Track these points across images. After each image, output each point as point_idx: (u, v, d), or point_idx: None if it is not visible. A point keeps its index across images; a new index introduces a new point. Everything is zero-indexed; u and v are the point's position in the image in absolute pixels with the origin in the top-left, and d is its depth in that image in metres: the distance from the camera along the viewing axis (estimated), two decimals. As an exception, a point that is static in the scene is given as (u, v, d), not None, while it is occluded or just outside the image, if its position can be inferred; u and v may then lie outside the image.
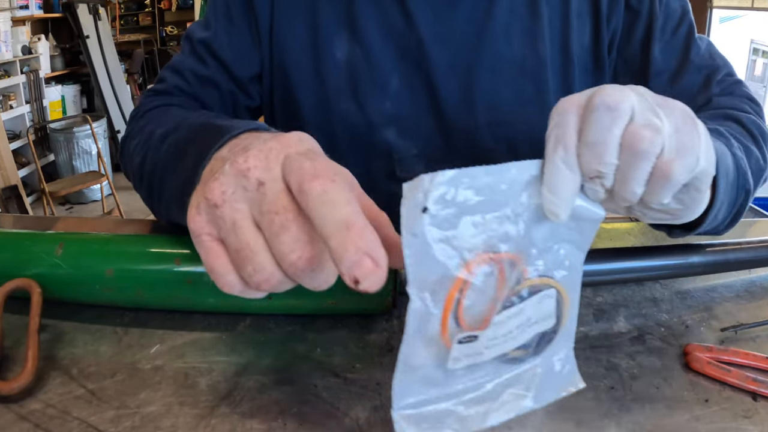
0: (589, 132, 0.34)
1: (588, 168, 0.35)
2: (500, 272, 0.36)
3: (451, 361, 0.37)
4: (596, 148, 0.34)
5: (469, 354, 0.38)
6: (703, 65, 0.71)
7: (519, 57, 0.70)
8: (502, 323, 0.38)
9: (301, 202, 0.32)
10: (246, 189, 0.33)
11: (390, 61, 0.71)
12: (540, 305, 0.39)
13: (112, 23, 6.46)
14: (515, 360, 0.40)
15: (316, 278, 0.33)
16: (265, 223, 0.33)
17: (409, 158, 0.74)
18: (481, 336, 0.37)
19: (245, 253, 0.33)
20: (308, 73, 0.73)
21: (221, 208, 0.33)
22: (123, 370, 0.46)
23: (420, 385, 0.37)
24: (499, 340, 0.38)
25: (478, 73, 0.70)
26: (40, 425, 0.40)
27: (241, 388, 0.45)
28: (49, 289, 0.51)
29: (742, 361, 0.46)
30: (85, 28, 4.81)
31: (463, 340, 0.37)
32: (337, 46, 0.72)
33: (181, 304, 0.52)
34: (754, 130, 0.63)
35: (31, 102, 4.43)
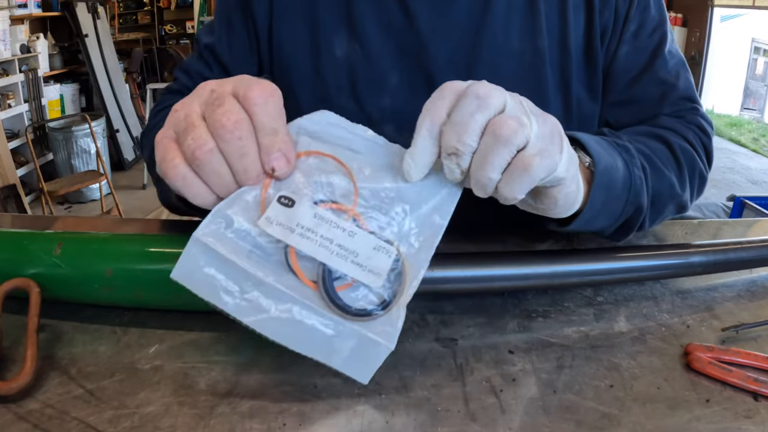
0: (455, 113, 0.41)
1: (447, 144, 0.41)
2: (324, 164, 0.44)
3: (263, 220, 0.40)
4: (457, 127, 0.41)
5: (281, 222, 0.40)
6: (664, 80, 0.72)
7: (518, 51, 0.71)
8: (323, 221, 0.41)
9: (246, 106, 0.41)
10: (200, 96, 0.43)
11: (389, 57, 0.72)
12: (374, 252, 0.41)
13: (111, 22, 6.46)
14: (318, 298, 0.41)
15: (240, 150, 0.41)
16: (208, 110, 0.42)
17: None
18: (299, 206, 0.41)
19: (188, 129, 0.41)
20: (308, 71, 0.74)
21: (179, 111, 0.42)
22: (122, 370, 0.46)
23: (230, 233, 0.41)
24: (314, 239, 0.40)
25: (477, 67, 0.71)
26: (39, 425, 0.40)
27: (240, 387, 0.44)
28: (47, 288, 0.50)
29: (743, 361, 0.46)
30: (83, 26, 4.81)
31: (282, 199, 0.41)
32: (337, 44, 0.72)
33: (180, 304, 0.52)
34: (681, 158, 0.65)
35: (30, 101, 4.42)
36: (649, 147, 0.63)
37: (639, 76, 0.73)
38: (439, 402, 0.43)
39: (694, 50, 6.89)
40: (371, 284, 0.40)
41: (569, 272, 0.55)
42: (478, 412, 0.42)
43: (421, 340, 0.50)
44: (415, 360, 0.48)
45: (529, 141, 0.41)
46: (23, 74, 4.34)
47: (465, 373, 0.46)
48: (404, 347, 0.49)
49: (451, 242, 0.67)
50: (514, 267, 0.54)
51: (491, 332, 0.52)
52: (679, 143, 0.66)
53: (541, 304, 0.56)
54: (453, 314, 0.54)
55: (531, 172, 0.40)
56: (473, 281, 0.53)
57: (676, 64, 0.74)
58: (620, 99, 0.74)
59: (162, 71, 7.71)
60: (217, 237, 0.40)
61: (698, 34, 6.78)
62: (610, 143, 0.57)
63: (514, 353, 0.49)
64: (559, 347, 0.50)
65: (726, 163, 5.74)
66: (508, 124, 0.40)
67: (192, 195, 0.42)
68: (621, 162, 0.55)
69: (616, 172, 0.54)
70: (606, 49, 0.73)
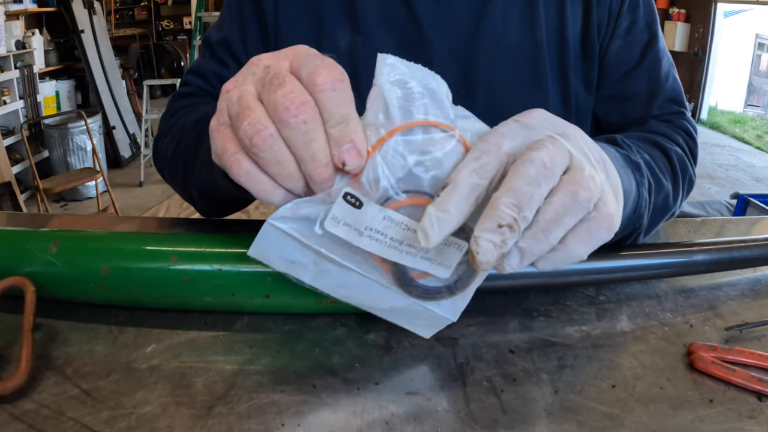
0: (516, 180, 0.34)
1: (503, 214, 0.34)
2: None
3: (330, 220, 0.38)
4: (519, 196, 0.34)
5: (348, 222, 0.38)
6: (654, 79, 0.73)
7: (517, 43, 0.72)
8: (393, 223, 0.38)
9: (313, 92, 0.36)
10: (254, 73, 0.38)
11: (391, 50, 0.71)
12: (444, 248, 0.39)
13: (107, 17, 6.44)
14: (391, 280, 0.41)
15: (305, 136, 0.36)
16: (265, 90, 0.36)
17: None
18: (367, 208, 0.38)
19: (243, 113, 0.36)
20: None
21: (231, 92, 0.37)
22: (118, 369, 0.46)
23: (303, 222, 0.39)
24: (383, 240, 0.39)
25: (477, 59, 0.72)
26: (34, 426, 0.40)
27: (238, 388, 0.44)
28: (43, 287, 0.50)
29: (747, 360, 0.46)
30: (79, 22, 4.80)
31: (349, 198, 0.38)
32: (340, 36, 0.73)
33: (177, 303, 0.52)
34: (677, 167, 0.65)
35: (25, 97, 4.41)
36: (653, 158, 0.62)
37: (630, 72, 0.74)
38: (439, 402, 0.43)
39: (697, 46, 6.89)
40: (439, 275, 0.40)
41: (570, 271, 0.54)
42: (479, 413, 0.42)
43: (421, 339, 0.50)
44: (415, 360, 0.48)
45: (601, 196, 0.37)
46: (18, 70, 4.33)
47: (465, 372, 0.46)
48: (404, 347, 0.49)
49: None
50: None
51: (492, 331, 0.51)
52: (674, 151, 0.66)
53: (543, 303, 0.56)
54: (453, 313, 0.54)
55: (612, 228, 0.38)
56: (474, 280, 0.53)
57: (665, 64, 0.75)
58: (611, 94, 0.75)
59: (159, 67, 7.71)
60: (290, 222, 0.40)
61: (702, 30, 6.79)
62: (626, 160, 0.55)
63: (515, 353, 0.49)
64: (561, 347, 0.49)
65: (729, 161, 5.76)
66: (587, 185, 0.36)
67: (258, 191, 0.38)
68: (634, 185, 0.54)
69: (629, 196, 0.52)
70: (600, 44, 0.74)
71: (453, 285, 0.41)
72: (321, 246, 0.40)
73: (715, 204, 2.77)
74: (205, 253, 0.50)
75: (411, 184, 0.38)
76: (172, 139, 0.67)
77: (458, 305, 0.43)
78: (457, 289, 0.41)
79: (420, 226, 0.35)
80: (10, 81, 4.26)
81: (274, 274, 0.49)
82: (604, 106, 0.76)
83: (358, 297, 0.44)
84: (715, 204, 2.78)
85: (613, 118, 0.75)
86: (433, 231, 0.34)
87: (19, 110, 4.34)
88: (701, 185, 4.84)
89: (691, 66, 6.97)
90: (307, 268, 0.42)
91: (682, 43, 7.04)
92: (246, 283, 0.50)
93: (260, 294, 0.50)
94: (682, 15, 7.08)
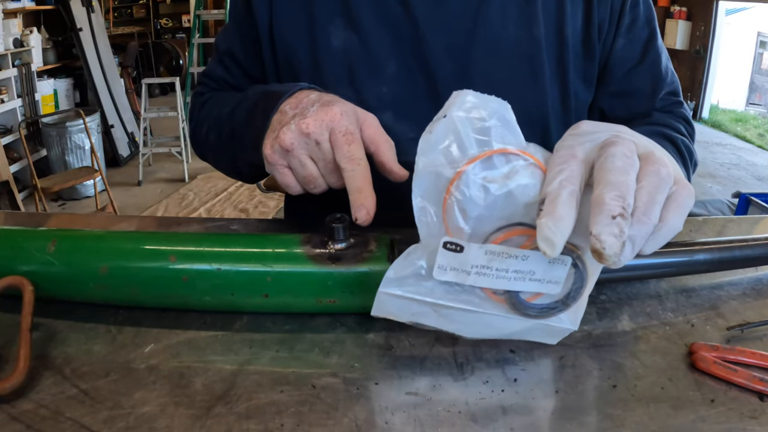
0: (646, 194, 0.38)
1: (613, 205, 0.36)
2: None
3: (437, 269, 0.40)
4: (621, 187, 0.37)
5: (454, 267, 0.40)
6: (656, 73, 0.77)
7: (514, 39, 0.72)
8: (495, 255, 0.40)
9: (339, 164, 0.52)
10: (308, 144, 0.53)
11: (386, 46, 0.73)
12: (549, 266, 0.41)
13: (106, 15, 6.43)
14: (507, 308, 0.43)
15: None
16: (320, 164, 0.54)
17: (407, 141, 0.74)
18: (468, 250, 0.40)
19: (310, 179, 0.55)
20: (307, 63, 0.75)
21: (291, 153, 0.54)
22: (117, 369, 0.46)
23: (411, 279, 0.43)
24: (490, 273, 0.40)
25: (473, 55, 0.72)
26: (33, 426, 0.40)
27: (237, 388, 0.44)
28: (41, 286, 0.50)
29: (748, 360, 0.46)
30: (78, 20, 4.78)
31: (448, 245, 0.40)
32: (333, 34, 0.74)
33: (176, 303, 0.52)
34: (685, 154, 0.71)
35: (23, 96, 4.40)
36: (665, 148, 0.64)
37: (634, 68, 0.77)
38: (439, 402, 0.43)
39: (698, 44, 6.88)
40: (550, 292, 0.42)
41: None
42: (479, 413, 0.42)
43: (420, 339, 0.50)
44: (415, 359, 0.47)
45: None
46: (16, 69, 4.32)
47: (466, 372, 0.46)
48: (404, 346, 0.49)
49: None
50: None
51: (492, 331, 0.51)
52: (681, 140, 0.70)
53: (543, 302, 0.56)
54: (453, 313, 0.53)
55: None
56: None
57: (664, 59, 0.78)
58: (616, 90, 0.77)
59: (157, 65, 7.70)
60: (399, 285, 0.43)
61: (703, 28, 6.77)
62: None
63: (515, 353, 0.48)
64: (562, 346, 0.49)
65: (731, 159, 5.75)
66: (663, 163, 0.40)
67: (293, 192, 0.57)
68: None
69: None
70: (603, 43, 0.75)
71: (566, 298, 0.43)
72: (432, 297, 0.43)
73: (717, 203, 2.77)
74: (204, 253, 0.50)
75: (500, 213, 0.40)
76: (211, 129, 0.74)
77: (576, 314, 0.44)
78: (571, 301, 0.43)
79: (540, 238, 0.36)
80: (8, 79, 4.25)
81: (274, 273, 0.49)
82: (610, 102, 0.78)
83: (482, 330, 0.45)
84: (716, 203, 2.78)
85: (620, 112, 0.78)
86: (555, 237, 0.36)
87: (17, 109, 4.33)
88: (702, 184, 4.84)
89: (692, 64, 6.96)
90: (429, 316, 0.44)
91: (684, 42, 7.03)
92: (245, 282, 0.50)
93: (259, 293, 0.50)
94: (683, 13, 7.07)
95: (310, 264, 0.49)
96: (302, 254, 0.50)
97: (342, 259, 0.49)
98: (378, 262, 0.49)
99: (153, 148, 5.00)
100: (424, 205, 0.41)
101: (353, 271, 0.49)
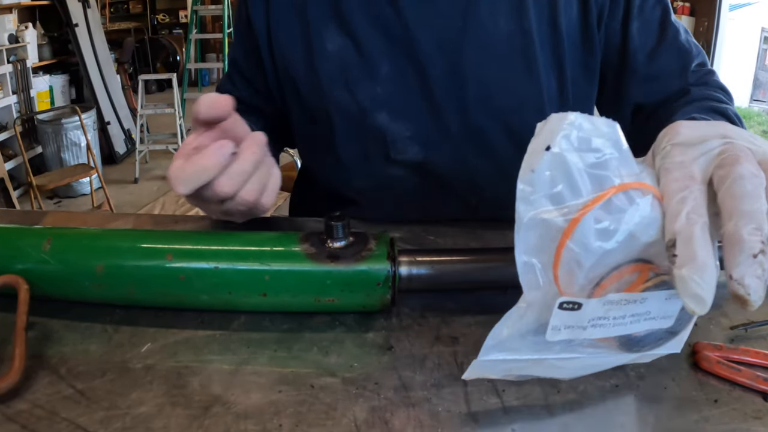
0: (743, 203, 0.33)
1: (752, 242, 0.32)
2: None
3: (550, 331, 0.36)
4: (757, 217, 0.32)
5: (569, 325, 0.36)
6: (680, 48, 0.75)
7: (505, 33, 0.72)
8: (613, 305, 0.36)
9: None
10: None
11: (379, 47, 0.74)
12: (665, 303, 0.37)
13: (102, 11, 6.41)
14: (616, 348, 0.40)
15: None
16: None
17: (403, 140, 0.76)
18: (586, 306, 0.35)
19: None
20: (303, 67, 0.77)
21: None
22: (113, 369, 0.45)
23: (514, 342, 0.38)
24: (607, 323, 0.36)
25: (465, 51, 0.72)
26: (28, 426, 0.39)
27: (235, 387, 0.44)
28: (36, 285, 0.49)
29: (752, 360, 0.45)
30: (73, 15, 4.76)
31: (565, 305, 0.35)
32: (328, 38, 0.74)
33: (173, 302, 0.51)
34: (736, 122, 0.65)
35: (18, 92, 4.38)
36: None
37: (655, 49, 0.74)
38: (439, 402, 0.42)
39: (702, 40, 6.83)
40: (662, 327, 0.39)
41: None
42: (480, 413, 0.41)
43: (421, 338, 0.49)
44: (414, 359, 0.47)
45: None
46: (11, 65, 4.30)
47: (466, 372, 0.45)
48: (404, 346, 0.49)
49: (452, 237, 0.67)
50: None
51: (493, 330, 0.51)
52: (731, 110, 0.67)
53: (544, 301, 0.55)
54: (454, 312, 0.53)
55: None
56: (475, 278, 0.52)
57: (683, 32, 0.76)
58: (645, 75, 0.75)
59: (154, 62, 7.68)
60: (501, 350, 0.39)
61: (706, 24, 6.75)
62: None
63: (516, 352, 0.48)
64: (563, 346, 0.49)
65: (736, 156, 5.75)
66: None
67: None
68: None
69: None
70: (610, 30, 0.75)
71: (674, 327, 0.40)
72: (538, 354, 0.39)
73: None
74: (202, 251, 0.50)
75: (618, 257, 0.35)
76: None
77: (681, 341, 0.42)
78: (678, 330, 0.40)
79: (687, 296, 0.33)
80: (3, 76, 4.24)
81: (272, 272, 0.49)
82: (643, 89, 0.75)
83: (584, 370, 0.43)
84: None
85: (655, 97, 0.75)
86: (705, 293, 0.32)
87: (12, 105, 4.32)
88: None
89: (695, 60, 6.96)
90: (529, 368, 0.41)
91: (686, 39, 7.04)
92: (243, 281, 0.49)
93: (257, 292, 0.49)
94: (686, 8, 7.05)
95: (308, 262, 0.49)
96: (301, 252, 0.49)
97: (341, 257, 0.49)
98: (377, 260, 0.49)
99: (150, 146, 4.98)
100: (530, 261, 0.35)
101: (352, 270, 0.49)
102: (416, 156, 0.76)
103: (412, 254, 0.51)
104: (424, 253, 0.52)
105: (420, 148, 0.75)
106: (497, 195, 0.67)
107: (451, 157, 0.76)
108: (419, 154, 0.76)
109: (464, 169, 0.76)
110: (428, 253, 0.53)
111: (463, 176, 0.76)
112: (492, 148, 0.76)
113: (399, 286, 0.51)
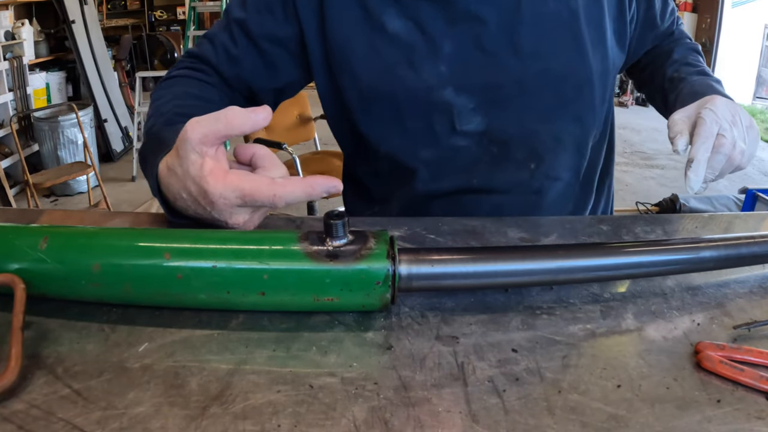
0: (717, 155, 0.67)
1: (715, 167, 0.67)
2: None
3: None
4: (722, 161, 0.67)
5: None
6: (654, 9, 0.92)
7: (554, 11, 0.79)
8: None
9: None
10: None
11: (440, 27, 0.79)
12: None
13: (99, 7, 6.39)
14: None
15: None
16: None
17: (467, 112, 0.82)
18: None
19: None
20: (365, 50, 0.81)
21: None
22: (110, 369, 0.45)
23: None
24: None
25: (521, 29, 0.78)
26: (24, 426, 0.39)
27: (233, 388, 0.43)
28: (33, 284, 0.49)
29: (755, 360, 0.45)
30: (70, 12, 4.75)
31: None
32: (388, 21, 0.79)
33: (170, 301, 0.51)
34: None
35: (15, 90, 4.37)
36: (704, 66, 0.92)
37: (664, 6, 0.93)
38: (439, 403, 0.42)
39: (704, 37, 6.85)
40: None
41: (575, 268, 0.53)
42: (481, 413, 0.41)
43: (420, 338, 0.49)
44: (414, 359, 0.47)
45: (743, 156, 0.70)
46: (8, 62, 4.29)
47: (466, 372, 0.45)
48: (403, 345, 0.48)
49: (452, 235, 0.67)
50: (517, 262, 0.53)
51: (494, 330, 0.51)
52: (698, 46, 0.95)
53: (546, 300, 0.55)
54: (454, 311, 0.53)
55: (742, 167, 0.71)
56: (475, 277, 0.52)
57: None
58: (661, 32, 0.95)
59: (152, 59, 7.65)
60: None
61: (709, 21, 6.75)
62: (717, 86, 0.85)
63: (517, 352, 0.48)
64: (565, 345, 0.49)
65: (737, 155, 5.76)
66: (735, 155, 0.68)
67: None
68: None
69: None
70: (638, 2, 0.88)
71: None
72: None
73: (723, 199, 2.77)
74: (200, 250, 0.49)
75: None
76: (152, 116, 0.75)
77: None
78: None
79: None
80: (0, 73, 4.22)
81: (270, 270, 0.48)
82: (654, 40, 0.95)
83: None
84: (722, 199, 2.78)
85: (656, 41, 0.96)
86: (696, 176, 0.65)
87: (8, 103, 4.30)
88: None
89: (698, 57, 6.96)
90: None
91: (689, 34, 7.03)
92: (241, 280, 0.49)
93: (256, 291, 0.49)
94: (689, 5, 7.05)
95: (307, 261, 0.48)
96: (299, 251, 0.49)
97: (340, 256, 0.49)
98: (377, 259, 0.49)
99: (147, 143, 4.97)
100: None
101: (352, 269, 0.48)
102: (479, 126, 0.81)
103: (412, 253, 0.51)
104: (424, 252, 0.52)
105: (482, 118, 0.81)
106: (554, 159, 0.84)
107: (511, 125, 0.82)
108: (482, 124, 0.81)
109: (523, 136, 0.82)
110: (428, 252, 0.52)
111: (522, 142, 0.83)
112: (547, 115, 0.82)
113: (399, 286, 0.50)
